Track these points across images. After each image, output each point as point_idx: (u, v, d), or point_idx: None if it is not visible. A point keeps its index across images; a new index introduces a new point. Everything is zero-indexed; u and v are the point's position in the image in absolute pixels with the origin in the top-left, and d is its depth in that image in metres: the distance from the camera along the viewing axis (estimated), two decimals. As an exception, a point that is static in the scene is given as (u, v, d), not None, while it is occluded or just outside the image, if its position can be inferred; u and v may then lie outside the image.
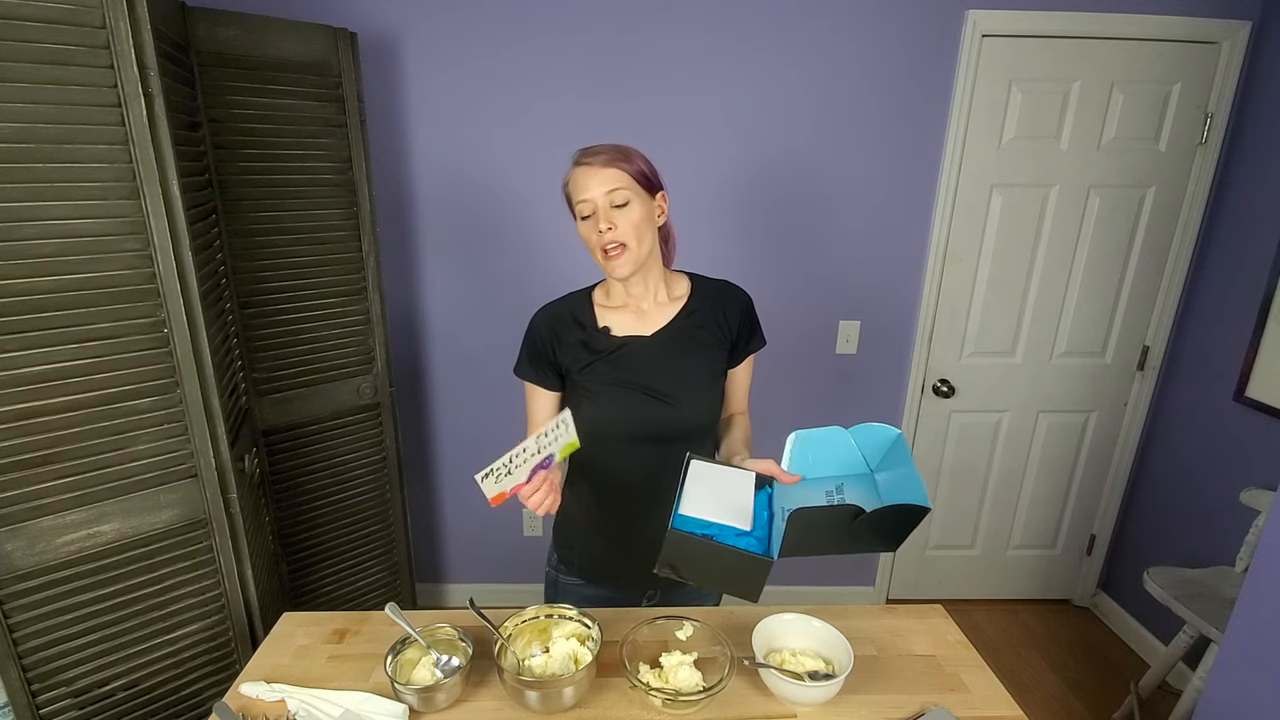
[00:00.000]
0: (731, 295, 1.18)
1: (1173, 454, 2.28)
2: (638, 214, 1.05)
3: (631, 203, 1.04)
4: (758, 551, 0.86)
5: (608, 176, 1.04)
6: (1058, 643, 2.40)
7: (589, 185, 1.04)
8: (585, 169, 1.05)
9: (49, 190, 1.11)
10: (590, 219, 1.05)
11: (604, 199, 1.04)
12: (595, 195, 1.04)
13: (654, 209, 1.09)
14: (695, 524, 0.88)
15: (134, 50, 1.12)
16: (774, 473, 0.99)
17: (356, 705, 0.93)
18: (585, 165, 1.05)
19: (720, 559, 0.86)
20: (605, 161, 1.04)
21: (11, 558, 1.18)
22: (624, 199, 1.04)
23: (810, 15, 1.98)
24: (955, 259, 2.21)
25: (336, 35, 1.64)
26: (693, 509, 0.90)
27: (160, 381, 1.27)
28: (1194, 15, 1.97)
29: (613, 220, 1.03)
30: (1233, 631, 1.28)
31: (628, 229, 1.04)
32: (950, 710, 0.94)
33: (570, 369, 1.13)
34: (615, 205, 1.04)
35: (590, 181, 1.04)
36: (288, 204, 1.63)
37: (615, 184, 1.03)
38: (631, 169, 1.05)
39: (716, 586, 0.89)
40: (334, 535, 1.91)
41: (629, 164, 1.05)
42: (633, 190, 1.05)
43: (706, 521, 0.88)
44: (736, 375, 1.21)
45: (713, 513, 0.89)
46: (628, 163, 1.05)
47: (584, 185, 1.05)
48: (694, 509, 0.90)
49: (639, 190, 1.06)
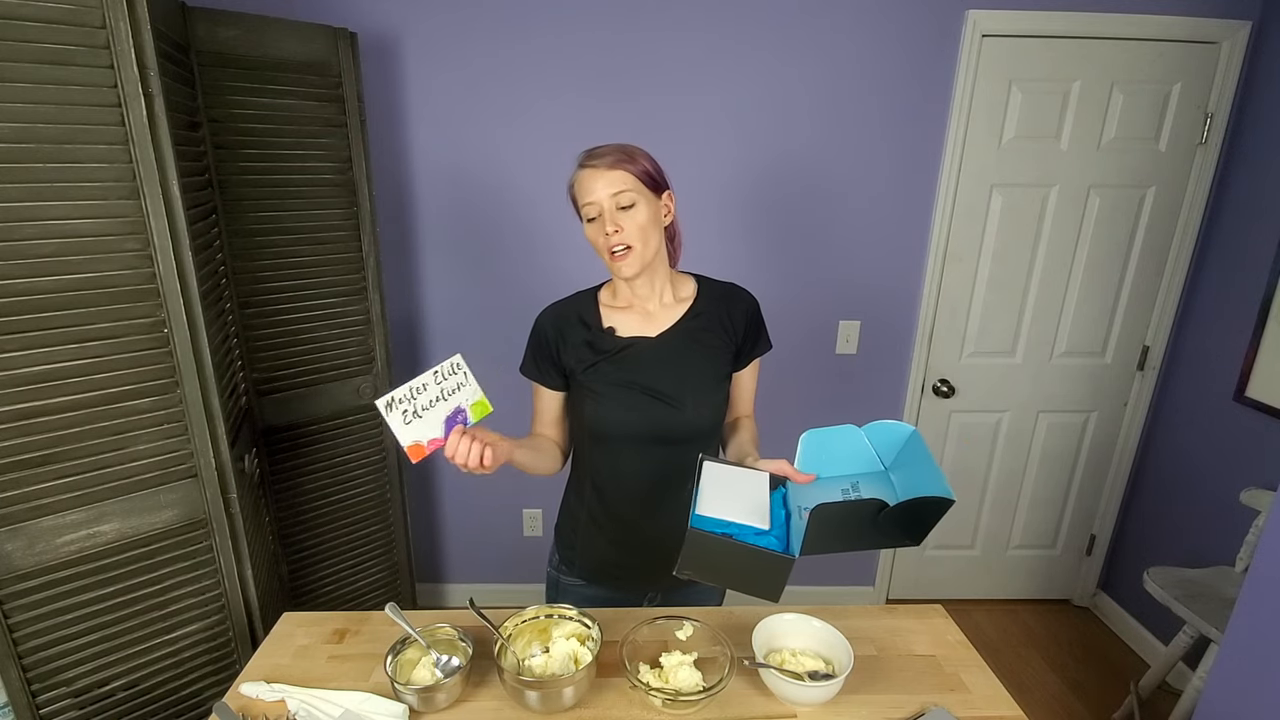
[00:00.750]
0: (738, 298, 1.18)
1: (1173, 454, 2.28)
2: (644, 215, 1.05)
3: (637, 204, 1.04)
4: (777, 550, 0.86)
5: (613, 179, 1.03)
6: (1058, 643, 2.40)
7: (595, 188, 1.04)
8: (591, 171, 1.05)
9: (49, 190, 1.11)
10: (597, 221, 1.05)
11: (610, 201, 1.03)
12: (601, 198, 1.03)
13: (660, 209, 1.09)
14: (714, 524, 0.87)
15: (134, 50, 1.12)
16: (787, 472, 0.98)
17: (356, 705, 0.93)
18: (591, 168, 1.05)
19: (741, 558, 0.86)
20: (610, 164, 1.04)
21: (11, 558, 1.18)
22: (630, 200, 1.04)
23: (810, 15, 1.98)
24: (955, 259, 2.21)
25: (336, 35, 1.64)
26: (710, 509, 0.89)
27: (160, 381, 1.27)
28: (1194, 15, 1.97)
29: (619, 222, 1.03)
30: (1233, 631, 1.28)
31: (634, 231, 1.04)
32: (950, 710, 0.94)
33: (575, 369, 1.12)
34: (621, 207, 1.03)
35: (596, 184, 1.04)
36: (288, 204, 1.63)
37: (621, 186, 1.03)
38: (637, 170, 1.05)
39: (737, 586, 0.88)
40: (334, 535, 1.91)
41: (634, 165, 1.05)
42: (638, 191, 1.04)
43: (725, 521, 0.87)
44: (742, 379, 1.20)
45: (731, 512, 0.89)
46: (633, 164, 1.05)
47: (590, 188, 1.04)
48: (711, 509, 0.89)
49: (645, 191, 1.05)
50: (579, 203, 1.08)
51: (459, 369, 0.95)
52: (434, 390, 0.92)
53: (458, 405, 0.94)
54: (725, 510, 0.89)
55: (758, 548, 0.85)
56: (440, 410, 0.92)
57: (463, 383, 0.95)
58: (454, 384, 0.94)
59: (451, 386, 0.94)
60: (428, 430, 0.91)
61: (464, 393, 0.95)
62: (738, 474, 0.98)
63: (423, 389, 0.91)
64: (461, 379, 0.95)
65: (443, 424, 0.93)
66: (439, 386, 0.92)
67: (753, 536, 0.87)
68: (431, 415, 0.92)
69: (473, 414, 0.96)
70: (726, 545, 0.85)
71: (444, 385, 0.93)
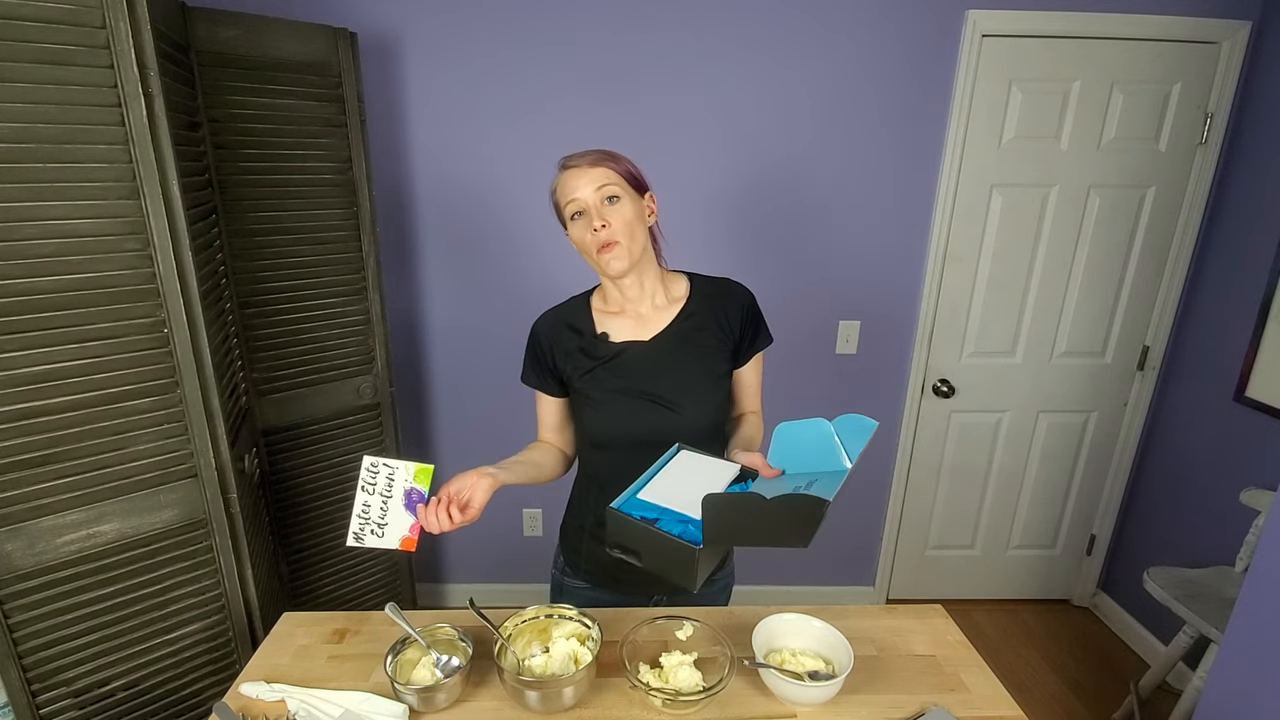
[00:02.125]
0: (733, 294, 1.16)
1: (1173, 454, 2.28)
2: (629, 211, 1.05)
3: (622, 199, 1.04)
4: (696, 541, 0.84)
5: (596, 175, 1.04)
6: (1058, 643, 2.40)
7: (578, 185, 1.04)
8: (573, 170, 1.05)
9: (49, 190, 1.11)
10: (582, 218, 1.05)
11: (595, 196, 1.03)
12: (585, 194, 1.03)
13: (644, 208, 1.09)
14: (647, 508, 0.89)
15: (134, 50, 1.12)
16: (758, 465, 0.97)
17: (356, 705, 0.93)
18: (573, 168, 1.05)
19: (656, 544, 0.86)
20: (593, 161, 1.04)
21: (11, 558, 1.18)
22: (615, 193, 1.04)
23: (810, 16, 1.98)
24: (955, 259, 2.21)
25: (336, 35, 1.64)
26: (651, 494, 0.90)
27: (160, 381, 1.27)
28: (1194, 15, 1.97)
29: (605, 217, 1.03)
30: (1233, 631, 1.28)
31: (620, 225, 1.03)
32: (950, 710, 0.94)
33: (571, 376, 1.12)
34: (607, 199, 1.04)
35: (579, 181, 1.04)
36: (288, 204, 1.63)
37: (604, 180, 1.04)
38: (619, 168, 1.05)
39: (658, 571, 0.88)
40: (334, 535, 1.91)
41: (616, 164, 1.05)
42: (622, 188, 1.05)
43: (658, 507, 0.88)
44: (744, 375, 1.18)
45: (667, 499, 0.89)
46: (615, 162, 1.05)
47: (573, 185, 1.04)
48: (653, 494, 0.90)
49: (628, 189, 1.06)
50: (562, 203, 1.07)
51: (375, 466, 0.98)
52: (375, 499, 0.98)
53: (404, 490, 0.99)
54: (666, 498, 0.90)
55: (665, 534, 0.84)
56: (395, 506, 0.98)
57: (391, 472, 0.99)
58: (384, 479, 0.98)
59: (384, 484, 0.98)
60: (400, 527, 0.99)
61: (399, 477, 0.99)
62: (708, 465, 0.98)
63: (366, 507, 0.97)
64: (388, 470, 0.99)
65: (406, 512, 0.99)
66: (376, 493, 0.98)
67: (675, 524, 0.86)
68: (393, 515, 0.98)
69: (421, 484, 1.00)
70: (639, 529, 0.86)
71: (378, 487, 0.98)
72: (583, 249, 1.08)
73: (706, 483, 0.92)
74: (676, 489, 0.92)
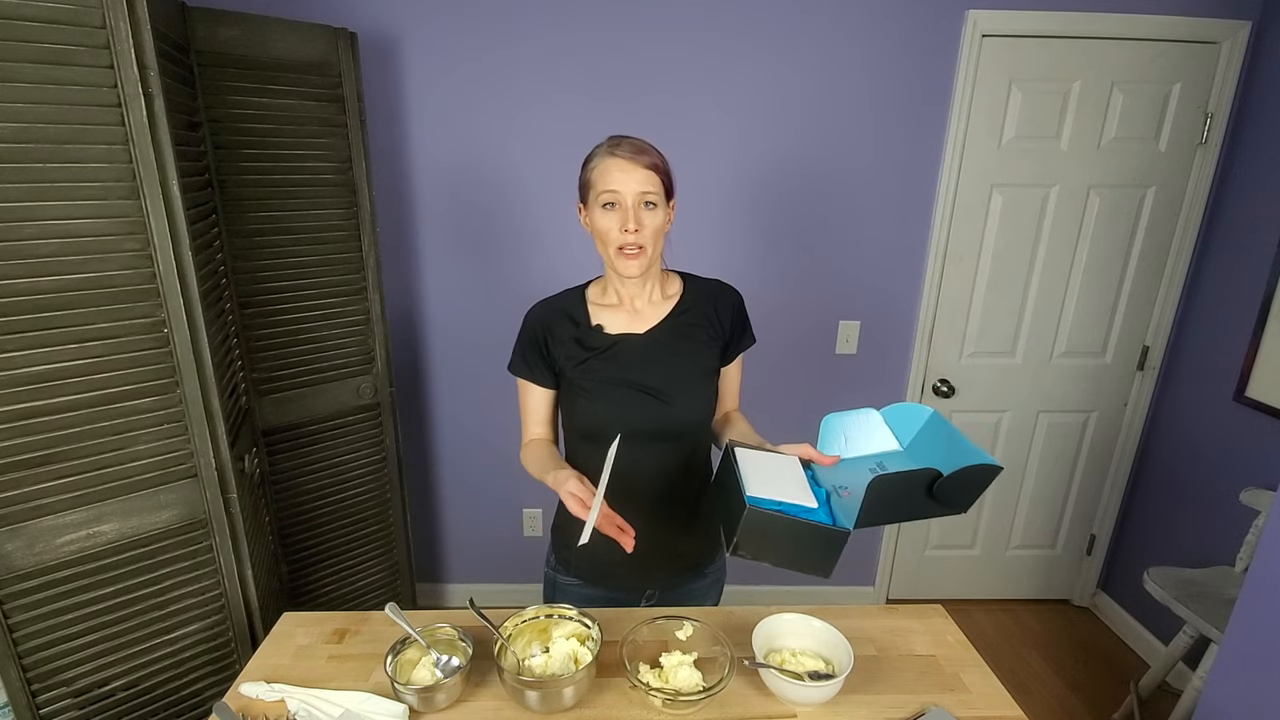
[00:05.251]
0: (724, 294, 1.19)
1: (1173, 454, 2.28)
2: (660, 219, 1.06)
3: (658, 208, 1.05)
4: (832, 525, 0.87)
5: (643, 178, 1.03)
6: (1058, 643, 2.40)
7: (623, 180, 1.02)
8: (624, 162, 1.03)
9: (49, 190, 1.11)
10: (614, 210, 1.04)
11: (636, 198, 1.03)
12: (627, 191, 1.02)
13: (668, 216, 1.10)
14: (766, 504, 0.88)
15: (134, 50, 1.12)
16: (812, 455, 1.00)
17: (356, 705, 0.93)
18: (624, 159, 1.03)
19: (797, 535, 0.87)
20: (646, 163, 1.03)
21: (11, 558, 1.18)
22: (654, 200, 1.04)
23: (810, 15, 1.98)
24: (955, 259, 2.21)
25: (336, 35, 1.64)
26: (759, 490, 0.89)
27: (160, 381, 1.27)
28: (1194, 15, 1.97)
29: (640, 221, 1.03)
30: (1233, 631, 1.28)
31: (649, 233, 1.04)
32: (950, 710, 0.94)
33: (564, 367, 1.13)
34: (645, 204, 1.03)
35: (625, 176, 1.02)
36: (288, 204, 1.63)
37: (650, 186, 1.03)
38: (663, 176, 1.06)
39: (789, 564, 0.89)
40: (334, 535, 1.91)
41: (662, 171, 1.05)
42: (659, 196, 1.05)
43: (777, 501, 0.88)
44: (729, 374, 1.22)
45: (779, 492, 0.89)
46: (662, 170, 1.05)
47: (617, 178, 1.02)
48: (760, 490, 0.89)
49: (663, 198, 1.06)
50: (596, 188, 1.05)
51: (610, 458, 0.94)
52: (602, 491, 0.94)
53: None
54: (773, 490, 0.89)
55: (816, 523, 0.86)
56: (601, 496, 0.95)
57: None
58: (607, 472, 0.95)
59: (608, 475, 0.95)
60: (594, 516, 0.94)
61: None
62: (769, 458, 0.99)
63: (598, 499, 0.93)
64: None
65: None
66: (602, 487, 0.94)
67: (805, 513, 0.88)
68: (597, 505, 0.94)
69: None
70: (785, 522, 0.86)
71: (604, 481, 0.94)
72: (601, 238, 1.07)
73: (788, 474, 0.95)
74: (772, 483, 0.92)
